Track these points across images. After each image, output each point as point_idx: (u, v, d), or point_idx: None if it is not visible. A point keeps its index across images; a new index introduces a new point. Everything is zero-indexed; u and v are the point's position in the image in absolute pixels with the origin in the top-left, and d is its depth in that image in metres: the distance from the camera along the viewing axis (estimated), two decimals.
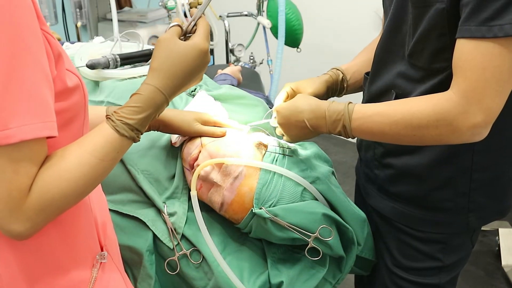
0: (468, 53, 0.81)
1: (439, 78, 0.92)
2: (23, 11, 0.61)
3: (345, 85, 1.19)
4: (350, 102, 0.98)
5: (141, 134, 0.77)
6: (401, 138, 0.91)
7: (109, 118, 0.73)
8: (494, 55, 0.78)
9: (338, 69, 1.19)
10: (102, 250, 0.83)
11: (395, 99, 0.99)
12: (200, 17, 0.85)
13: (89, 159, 0.68)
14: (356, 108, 0.95)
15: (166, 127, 1.07)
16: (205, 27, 0.84)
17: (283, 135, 1.08)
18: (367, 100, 1.10)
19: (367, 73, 1.13)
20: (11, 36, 0.59)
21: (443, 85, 0.87)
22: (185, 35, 0.85)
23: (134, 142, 0.76)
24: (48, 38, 0.66)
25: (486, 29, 0.78)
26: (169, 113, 1.07)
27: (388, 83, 1.02)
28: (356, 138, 1.20)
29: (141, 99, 0.75)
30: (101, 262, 0.81)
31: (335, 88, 1.19)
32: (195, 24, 0.85)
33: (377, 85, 1.06)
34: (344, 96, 1.23)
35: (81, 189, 0.69)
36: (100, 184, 0.90)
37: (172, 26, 0.83)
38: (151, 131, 1.07)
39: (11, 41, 0.59)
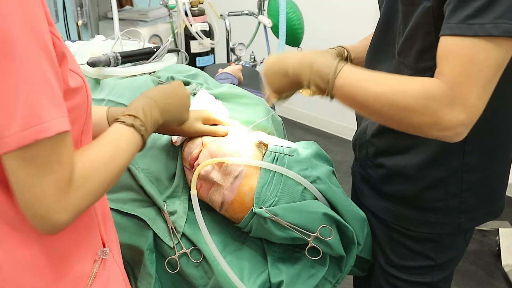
0: (453, 46, 0.79)
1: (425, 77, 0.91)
2: (35, 6, 0.62)
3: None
4: (341, 60, 0.94)
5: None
6: (382, 115, 0.87)
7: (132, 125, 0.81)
8: (478, 51, 0.77)
9: (343, 47, 1.15)
10: (104, 246, 0.84)
11: None
12: None
13: (116, 151, 0.75)
14: (346, 67, 0.91)
15: (166, 130, 1.06)
16: None
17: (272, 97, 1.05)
18: None
19: None
20: (30, 30, 0.60)
21: None
22: None
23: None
24: (53, 38, 0.67)
25: (466, 27, 0.77)
26: None
27: None
28: (353, 137, 1.21)
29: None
30: (102, 258, 0.81)
31: None
32: None
33: None
34: None
35: (115, 178, 0.74)
36: None
37: None
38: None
39: (32, 35, 0.60)
